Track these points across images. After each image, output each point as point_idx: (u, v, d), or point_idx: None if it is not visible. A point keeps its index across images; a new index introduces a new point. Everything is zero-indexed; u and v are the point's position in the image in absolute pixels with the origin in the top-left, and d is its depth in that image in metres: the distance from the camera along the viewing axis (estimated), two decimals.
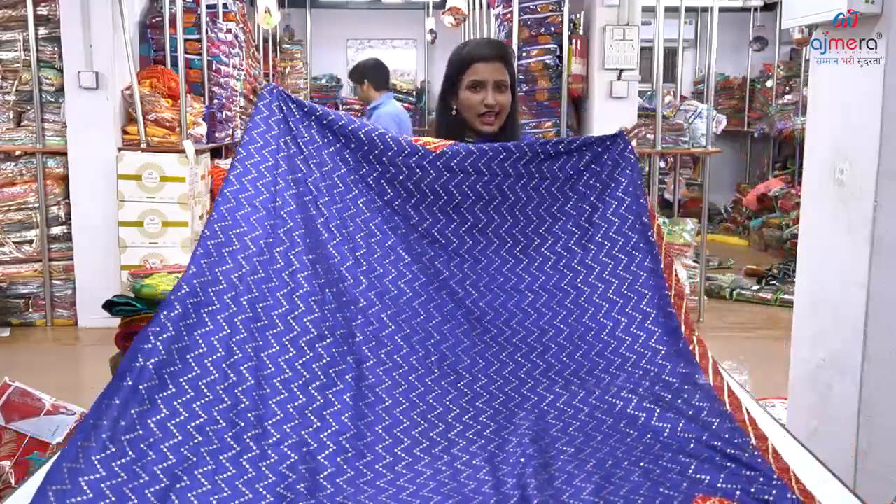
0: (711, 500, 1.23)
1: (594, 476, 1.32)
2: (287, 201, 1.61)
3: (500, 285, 1.75)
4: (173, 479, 1.18)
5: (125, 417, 1.21)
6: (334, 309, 1.54)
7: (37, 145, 5.37)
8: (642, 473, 1.32)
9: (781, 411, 3.09)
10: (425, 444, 1.42)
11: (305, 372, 1.43)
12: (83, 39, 5.22)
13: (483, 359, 1.64)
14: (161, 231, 5.24)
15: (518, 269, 1.78)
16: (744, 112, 10.15)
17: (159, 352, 1.29)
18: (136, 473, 1.15)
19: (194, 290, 1.39)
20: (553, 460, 1.37)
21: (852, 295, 2.25)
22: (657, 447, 1.39)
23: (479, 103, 2.03)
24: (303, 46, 10.26)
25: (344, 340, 1.52)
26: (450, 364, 1.60)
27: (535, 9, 5.62)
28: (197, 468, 1.21)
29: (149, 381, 1.26)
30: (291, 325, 1.47)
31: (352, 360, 1.50)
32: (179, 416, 1.26)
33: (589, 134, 5.70)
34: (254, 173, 1.60)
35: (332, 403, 1.40)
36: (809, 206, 2.51)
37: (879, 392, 2.18)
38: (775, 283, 6.83)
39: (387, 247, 1.71)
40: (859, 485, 2.18)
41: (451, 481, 1.32)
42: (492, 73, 2.03)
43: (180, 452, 1.21)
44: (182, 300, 1.37)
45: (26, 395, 2.68)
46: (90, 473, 1.12)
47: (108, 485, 1.12)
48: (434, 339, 1.63)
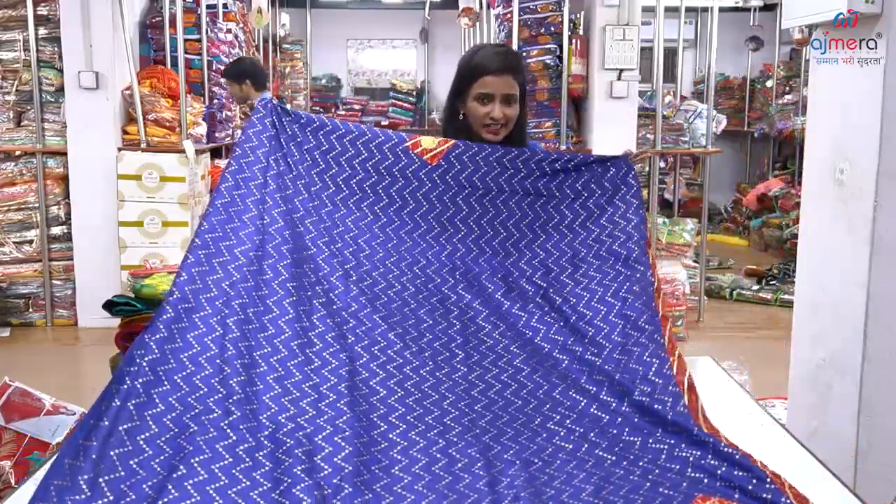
0: (711, 500, 1.24)
1: (593, 476, 1.32)
2: (275, 218, 1.63)
3: (490, 293, 1.75)
4: (170, 469, 1.19)
5: (124, 412, 1.22)
6: (324, 315, 1.56)
7: (37, 145, 5.37)
8: (641, 473, 1.32)
9: (781, 411, 3.09)
10: (420, 427, 1.42)
11: (297, 372, 1.44)
12: (83, 39, 5.22)
13: (478, 352, 1.64)
14: (161, 231, 5.24)
15: (509, 278, 1.78)
16: (744, 112, 10.14)
17: (153, 351, 1.32)
18: (133, 470, 1.16)
19: (185, 297, 1.42)
20: (552, 458, 1.37)
21: (852, 295, 2.25)
22: (656, 446, 1.39)
23: (486, 115, 2.00)
24: (303, 46, 10.26)
25: (335, 341, 1.52)
26: (444, 359, 1.60)
27: (535, 9, 5.62)
28: (193, 456, 1.22)
29: (144, 377, 1.28)
30: (282, 328, 1.48)
31: (345, 357, 1.50)
32: (175, 410, 1.27)
33: (589, 133, 5.71)
34: (243, 189, 1.63)
35: (325, 396, 1.41)
36: (809, 206, 2.51)
37: (879, 392, 2.18)
38: (775, 283, 6.83)
39: (375, 261, 1.72)
40: (859, 485, 2.18)
41: (446, 474, 1.32)
42: (500, 87, 1.98)
43: (177, 442, 1.23)
44: (174, 305, 1.40)
45: (26, 395, 2.69)
46: (88, 472, 1.13)
47: (105, 479, 1.13)
48: (427, 337, 1.63)
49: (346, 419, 1.37)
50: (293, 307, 1.52)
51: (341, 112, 10.22)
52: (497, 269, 1.79)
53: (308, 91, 10.19)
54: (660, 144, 5.84)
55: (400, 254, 1.75)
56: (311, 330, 1.52)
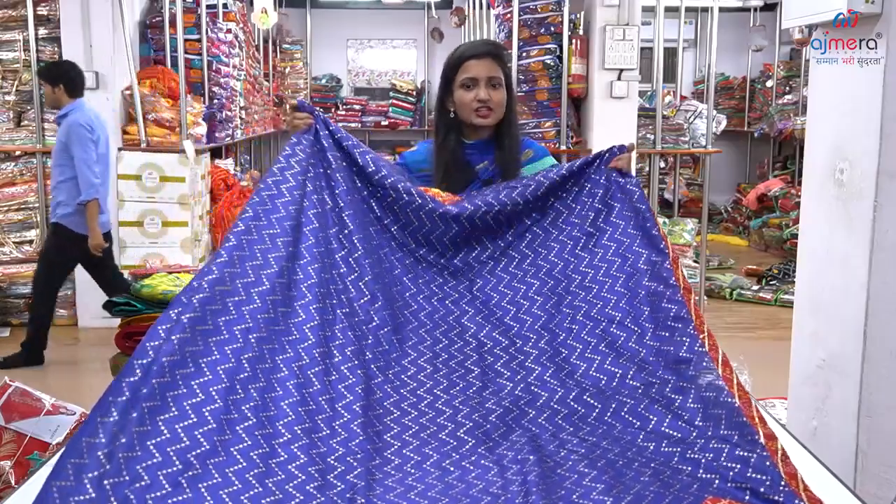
0: (721, 502, 1.23)
1: (604, 475, 1.32)
2: (310, 219, 1.63)
3: (507, 299, 1.77)
4: (185, 466, 1.17)
5: (136, 409, 1.19)
6: (346, 327, 1.55)
7: (37, 145, 5.37)
8: (653, 474, 1.32)
9: (781, 411, 3.09)
10: (434, 444, 1.42)
11: (317, 382, 1.43)
12: (83, 39, 5.22)
13: (492, 356, 1.65)
14: (161, 231, 5.24)
15: (526, 277, 1.80)
16: (744, 112, 10.15)
17: (174, 350, 1.27)
18: (138, 474, 1.14)
19: (213, 298, 1.38)
20: (563, 460, 1.37)
21: (852, 295, 2.25)
22: (667, 448, 1.39)
23: (473, 99, 2.05)
24: (303, 46, 10.26)
25: (354, 356, 1.52)
26: (459, 375, 1.61)
27: (535, 9, 5.62)
28: (208, 458, 1.20)
29: (159, 377, 1.24)
30: (306, 335, 1.47)
31: (361, 374, 1.50)
32: (189, 418, 1.23)
33: (589, 133, 5.71)
34: (280, 194, 1.63)
35: (340, 415, 1.40)
36: (809, 206, 2.51)
37: (879, 392, 2.18)
38: (775, 283, 6.83)
39: (395, 275, 1.75)
40: (859, 485, 2.19)
41: (459, 482, 1.33)
42: (483, 70, 2.05)
43: (187, 457, 1.19)
44: (202, 303, 1.35)
45: (26, 395, 2.69)
46: (94, 470, 1.10)
47: (110, 482, 1.11)
48: (442, 357, 1.64)
49: (359, 442, 1.37)
50: (319, 313, 1.51)
51: (341, 112, 10.23)
52: (513, 273, 1.81)
53: (308, 91, 10.20)
54: (660, 144, 5.84)
55: (417, 272, 1.77)
56: (333, 341, 1.51)
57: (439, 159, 2.13)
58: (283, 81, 9.96)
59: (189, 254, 5.26)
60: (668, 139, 5.95)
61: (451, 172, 2.11)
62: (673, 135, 5.97)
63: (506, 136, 2.11)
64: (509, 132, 2.12)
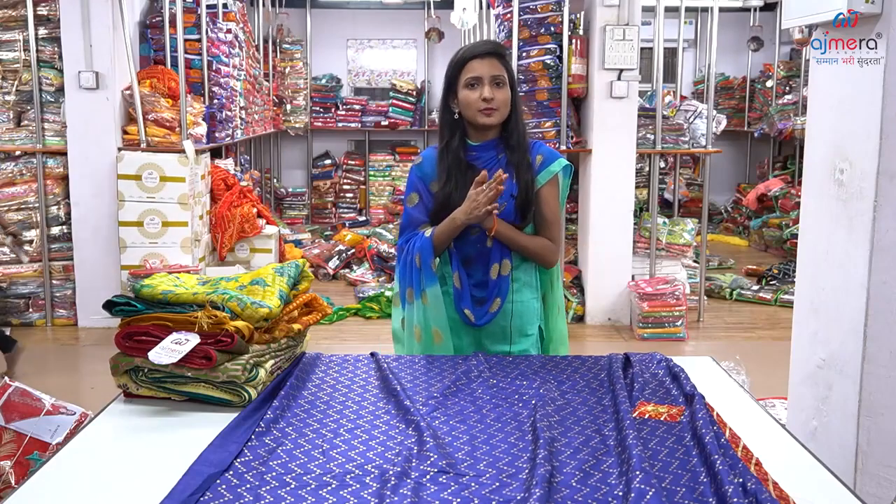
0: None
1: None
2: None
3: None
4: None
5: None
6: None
7: (37, 145, 5.37)
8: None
9: (781, 411, 3.09)
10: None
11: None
12: (83, 39, 5.23)
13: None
14: (161, 231, 5.24)
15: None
16: (744, 112, 10.15)
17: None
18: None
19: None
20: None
21: (852, 295, 2.24)
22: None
23: (478, 99, 2.06)
24: (303, 46, 10.25)
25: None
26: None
27: (535, 9, 5.62)
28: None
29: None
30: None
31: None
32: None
33: (589, 133, 5.70)
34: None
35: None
36: (809, 206, 2.51)
37: (879, 392, 2.18)
38: (775, 283, 6.83)
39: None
40: (859, 485, 2.19)
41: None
42: (487, 69, 2.06)
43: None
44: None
45: (26, 395, 2.69)
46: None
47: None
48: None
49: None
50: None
51: (341, 112, 10.22)
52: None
53: (308, 91, 10.19)
54: (660, 144, 5.84)
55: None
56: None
57: (442, 162, 2.13)
58: (283, 81, 9.96)
59: (189, 254, 5.26)
60: (668, 139, 5.95)
61: (454, 175, 2.11)
62: (673, 135, 5.97)
63: (513, 136, 2.12)
64: (516, 130, 2.13)
